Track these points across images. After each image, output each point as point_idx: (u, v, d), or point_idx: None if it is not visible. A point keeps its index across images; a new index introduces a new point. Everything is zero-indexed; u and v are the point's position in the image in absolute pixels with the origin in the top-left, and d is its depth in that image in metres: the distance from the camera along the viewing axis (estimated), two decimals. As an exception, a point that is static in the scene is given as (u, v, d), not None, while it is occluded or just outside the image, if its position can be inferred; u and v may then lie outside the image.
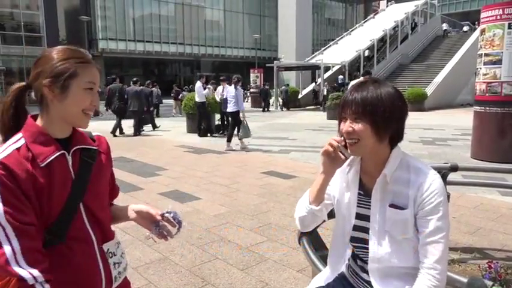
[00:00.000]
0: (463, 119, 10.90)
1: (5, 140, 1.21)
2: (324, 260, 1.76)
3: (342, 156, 1.33)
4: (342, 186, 1.47)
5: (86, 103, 1.23)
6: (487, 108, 7.53)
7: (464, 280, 1.37)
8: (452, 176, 3.68)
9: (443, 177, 3.49)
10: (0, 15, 35.67)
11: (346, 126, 1.30)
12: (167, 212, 1.38)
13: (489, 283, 1.31)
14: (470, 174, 5.14)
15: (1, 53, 35.14)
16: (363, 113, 1.27)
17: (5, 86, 28.38)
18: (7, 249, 1.07)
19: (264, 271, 3.21)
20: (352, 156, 1.39)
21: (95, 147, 1.33)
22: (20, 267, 1.07)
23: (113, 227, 1.42)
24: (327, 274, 1.56)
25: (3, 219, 1.07)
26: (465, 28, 34.79)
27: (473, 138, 8.01)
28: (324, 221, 1.49)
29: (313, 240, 2.16)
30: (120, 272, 1.36)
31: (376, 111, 1.26)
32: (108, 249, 1.32)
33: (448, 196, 3.55)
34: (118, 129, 12.27)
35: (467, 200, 5.04)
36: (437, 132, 11.79)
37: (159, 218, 1.37)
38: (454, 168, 3.30)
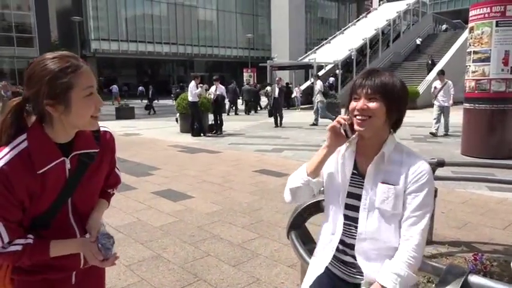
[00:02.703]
0: (454, 117, 11.00)
1: None
2: (312, 253, 1.80)
3: (344, 134, 1.43)
4: (336, 165, 1.54)
5: (91, 110, 1.23)
6: (476, 105, 7.63)
7: (443, 267, 1.43)
8: (441, 172, 3.76)
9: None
10: (-9, 16, 35.38)
11: (361, 103, 1.40)
12: (100, 237, 1.33)
13: (466, 269, 1.37)
14: (459, 170, 5.23)
15: (-8, 54, 34.87)
16: (380, 93, 1.38)
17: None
18: None
19: (256, 267, 3.25)
20: (353, 137, 1.47)
21: (95, 150, 1.34)
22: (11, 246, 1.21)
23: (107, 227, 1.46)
24: (316, 265, 1.59)
25: None
26: (443, 26, 35.17)
27: (463, 135, 8.11)
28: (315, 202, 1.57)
29: (301, 234, 2.21)
30: None
31: (391, 93, 1.39)
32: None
33: (436, 191, 3.64)
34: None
35: (456, 196, 5.12)
36: (429, 130, 11.89)
37: (92, 240, 1.33)
38: (441, 164, 3.38)
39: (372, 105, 1.38)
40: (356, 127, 1.41)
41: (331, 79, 25.80)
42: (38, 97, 1.18)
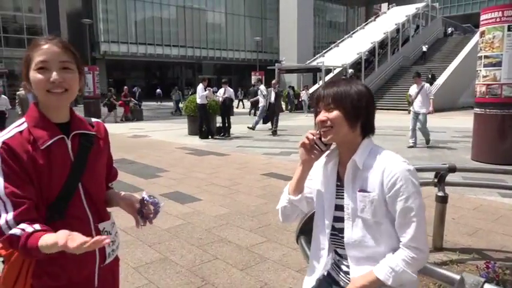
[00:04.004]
0: (464, 122, 10.91)
1: None
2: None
3: (318, 149, 1.44)
4: (321, 179, 1.53)
5: (42, 83, 1.25)
6: (487, 110, 7.55)
7: (457, 277, 1.40)
8: (451, 178, 3.71)
9: (442, 178, 3.53)
10: (3, 18, 35.84)
11: (321, 116, 1.41)
12: (146, 199, 1.44)
13: (481, 279, 1.33)
14: (470, 176, 5.16)
15: (4, 55, 35.31)
16: (334, 102, 1.39)
17: (7, 89, 28.47)
18: (3, 216, 1.16)
19: (264, 271, 3.23)
20: (331, 149, 1.48)
21: (93, 133, 1.40)
22: (10, 229, 1.15)
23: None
24: (311, 272, 1.58)
25: (3, 194, 1.17)
26: (449, 30, 34.88)
27: (473, 140, 8.02)
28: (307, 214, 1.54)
29: (311, 239, 2.19)
30: (114, 250, 1.45)
31: (346, 100, 1.38)
32: (104, 228, 1.40)
33: (446, 197, 3.60)
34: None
35: (466, 202, 5.06)
36: (438, 135, 11.79)
37: (137, 206, 1.43)
38: (452, 169, 3.33)
39: (330, 115, 1.39)
40: (322, 138, 1.42)
41: None
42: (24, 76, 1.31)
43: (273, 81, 13.81)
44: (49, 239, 1.09)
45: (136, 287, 2.99)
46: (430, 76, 24.34)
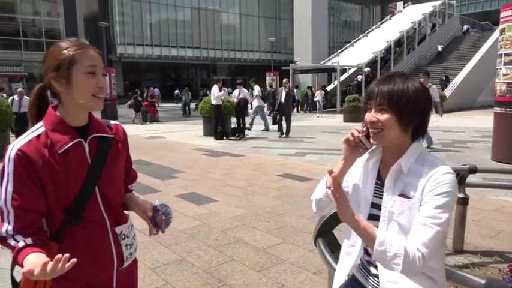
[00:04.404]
0: (483, 121, 10.67)
1: None
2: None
3: (362, 146, 1.37)
4: (361, 175, 1.48)
5: (91, 87, 1.28)
6: (508, 109, 7.38)
7: (482, 281, 1.36)
8: (472, 179, 3.63)
9: (462, 179, 3.45)
10: (22, 23, 36.64)
11: (371, 116, 1.33)
12: (158, 208, 1.45)
13: (509, 285, 1.29)
14: (490, 177, 5.05)
15: (23, 58, 36.06)
16: (389, 103, 1.29)
17: (27, 92, 29.14)
18: (5, 226, 1.20)
19: (280, 273, 3.21)
20: (373, 147, 1.41)
21: (111, 135, 1.40)
22: (8, 239, 1.20)
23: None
24: (340, 270, 1.56)
25: (9, 204, 1.19)
26: (464, 27, 34.20)
27: (493, 140, 7.85)
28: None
29: (329, 241, 2.16)
30: (132, 253, 1.44)
31: (401, 102, 1.29)
32: (121, 232, 1.39)
33: (467, 199, 3.52)
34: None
35: (487, 203, 4.94)
36: (456, 135, 11.59)
37: (150, 214, 1.44)
38: (473, 170, 3.26)
39: (382, 117, 1.30)
40: (370, 140, 1.35)
41: (359, 77, 25.53)
42: (47, 72, 1.28)
43: (284, 80, 13.13)
44: (27, 263, 1.13)
45: (153, 287, 3.01)
46: (444, 78, 23.66)
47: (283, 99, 12.25)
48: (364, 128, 1.36)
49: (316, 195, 1.53)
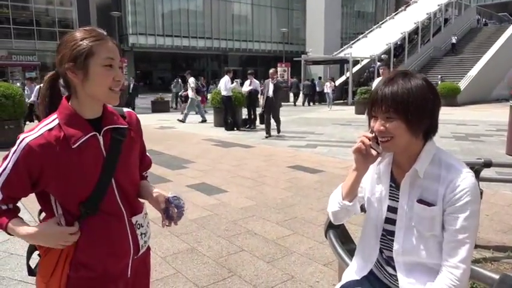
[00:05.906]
0: (498, 115, 10.49)
1: None
2: (351, 253, 1.75)
3: (374, 152, 1.32)
4: (373, 178, 1.46)
5: (108, 80, 1.24)
6: (524, 103, 7.23)
7: (496, 277, 1.34)
8: (485, 173, 3.57)
9: (476, 173, 3.39)
10: (36, 12, 36.95)
11: (378, 125, 1.28)
12: (170, 200, 1.44)
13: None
14: (505, 171, 4.97)
15: (37, 48, 36.44)
16: (395, 111, 1.24)
17: (40, 80, 29.45)
18: None
19: (290, 264, 3.22)
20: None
21: (125, 126, 1.37)
22: None
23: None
24: (356, 268, 1.55)
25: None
26: (476, 17, 33.52)
27: (508, 134, 7.71)
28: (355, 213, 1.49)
29: (340, 234, 2.15)
30: (146, 241, 1.45)
31: (408, 107, 1.22)
32: (136, 221, 1.40)
33: (481, 193, 3.45)
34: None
35: (501, 198, 4.87)
36: (470, 128, 11.42)
37: (163, 206, 1.41)
38: (488, 164, 3.20)
39: (390, 125, 1.24)
40: (381, 148, 1.30)
41: (378, 63, 25.23)
42: (62, 62, 1.24)
43: (271, 71, 11.19)
44: (20, 232, 1.22)
45: (164, 276, 3.04)
46: (439, 82, 22.47)
47: (270, 93, 10.58)
48: (374, 135, 1.31)
49: (332, 208, 1.47)
